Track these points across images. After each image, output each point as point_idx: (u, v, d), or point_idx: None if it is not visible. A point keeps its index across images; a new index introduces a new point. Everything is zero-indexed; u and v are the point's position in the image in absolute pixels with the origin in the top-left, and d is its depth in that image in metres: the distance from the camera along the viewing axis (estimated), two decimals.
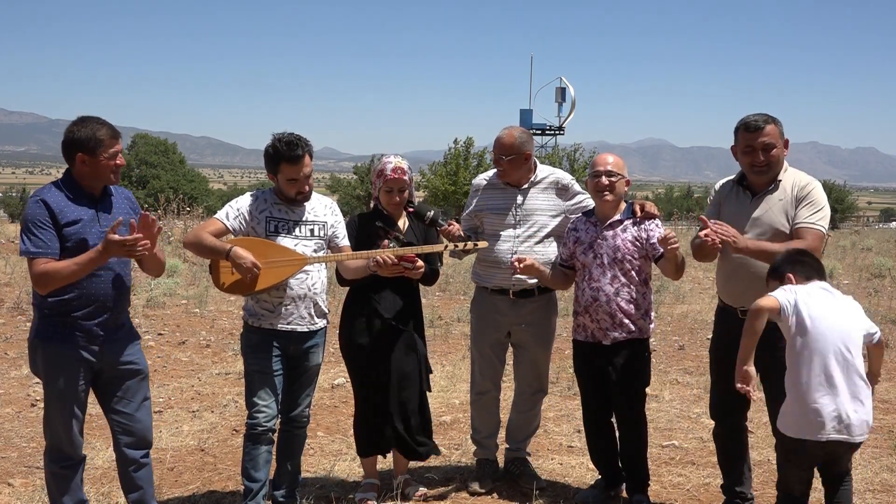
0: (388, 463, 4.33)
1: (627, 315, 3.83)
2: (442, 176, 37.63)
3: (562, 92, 40.77)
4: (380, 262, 3.68)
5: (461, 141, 38.34)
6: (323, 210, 3.79)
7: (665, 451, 4.92)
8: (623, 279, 3.83)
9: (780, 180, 3.61)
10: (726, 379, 3.76)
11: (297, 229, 3.69)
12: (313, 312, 3.71)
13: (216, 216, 3.70)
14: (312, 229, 3.72)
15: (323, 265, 3.79)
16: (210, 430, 5.25)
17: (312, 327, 3.72)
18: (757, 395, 3.25)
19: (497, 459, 4.43)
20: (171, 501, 4.10)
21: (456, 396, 6.03)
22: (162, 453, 4.66)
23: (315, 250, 3.70)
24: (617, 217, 3.90)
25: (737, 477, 3.83)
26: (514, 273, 3.93)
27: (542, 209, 4.15)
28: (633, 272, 3.85)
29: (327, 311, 3.82)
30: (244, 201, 3.71)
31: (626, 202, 3.95)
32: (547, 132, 41.15)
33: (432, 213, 3.93)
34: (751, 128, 3.57)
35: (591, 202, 4.10)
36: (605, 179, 3.84)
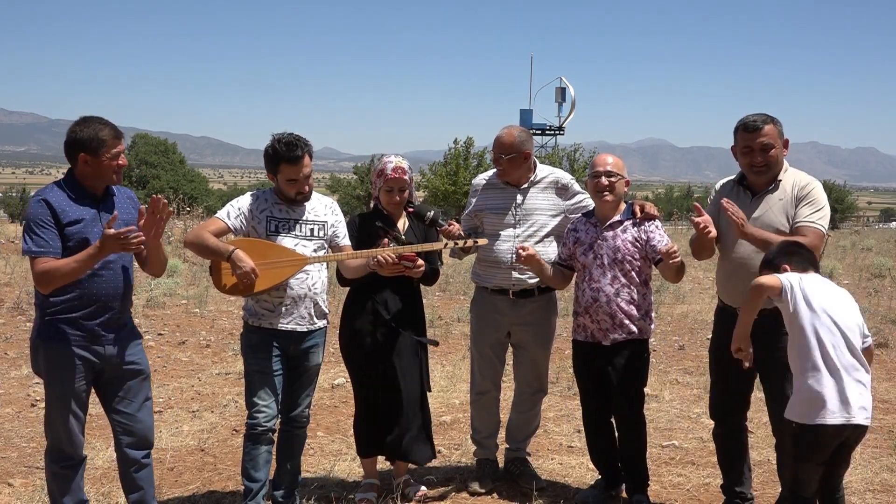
0: (388, 463, 4.33)
1: (628, 316, 3.83)
2: (442, 176, 37.62)
3: (562, 92, 40.77)
4: (380, 261, 3.69)
5: (461, 141, 38.38)
6: (323, 210, 3.80)
7: (665, 451, 4.92)
8: (623, 280, 3.84)
9: (780, 180, 3.61)
10: (726, 379, 3.76)
11: (298, 229, 3.69)
12: (313, 312, 3.71)
13: (217, 215, 3.70)
14: (313, 229, 3.72)
15: (323, 265, 3.80)
16: (210, 430, 5.25)
17: (312, 327, 3.73)
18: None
19: (497, 459, 4.42)
20: (171, 501, 4.10)
21: (456, 396, 6.03)
22: (162, 453, 4.66)
23: (315, 250, 3.70)
24: (617, 217, 3.90)
25: (737, 477, 3.83)
26: (516, 261, 3.90)
27: (541, 209, 4.15)
28: (634, 273, 3.85)
29: (327, 311, 3.82)
30: (245, 201, 3.72)
31: (626, 203, 3.95)
32: (547, 132, 41.14)
33: (432, 213, 3.93)
34: (749, 128, 3.58)
35: (590, 202, 4.10)
36: (604, 180, 3.85)
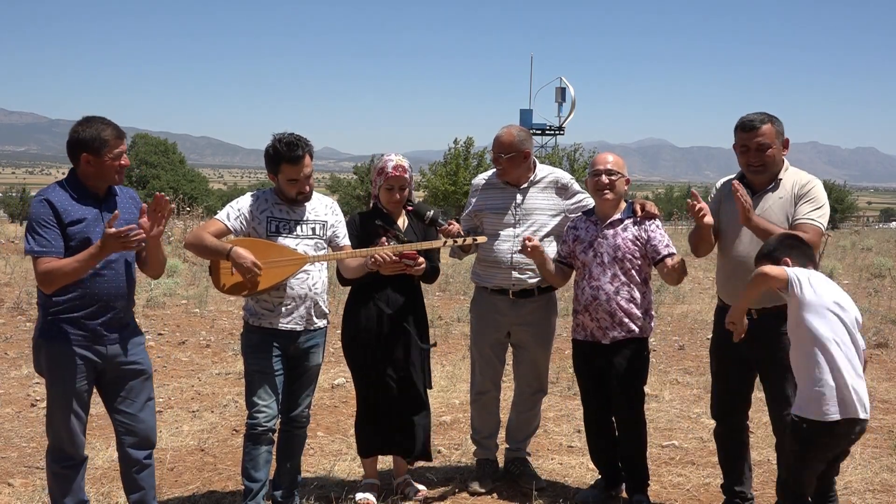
0: (388, 463, 4.33)
1: (627, 314, 3.83)
2: (442, 176, 37.63)
3: (562, 92, 40.77)
4: (379, 260, 3.69)
5: (461, 141, 38.41)
6: (323, 210, 3.79)
7: (665, 451, 4.92)
8: (623, 278, 3.83)
9: (780, 179, 3.61)
10: (726, 379, 3.76)
11: (298, 229, 3.69)
12: (313, 312, 3.71)
13: (217, 217, 3.70)
14: (313, 228, 3.72)
15: (324, 265, 3.79)
16: (210, 430, 5.25)
17: (312, 327, 3.72)
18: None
19: (497, 459, 4.42)
20: (171, 501, 4.10)
21: (456, 396, 6.03)
22: (162, 453, 4.66)
23: (316, 250, 3.70)
24: (617, 216, 3.90)
25: (737, 477, 3.83)
26: (522, 251, 3.88)
27: (541, 208, 4.15)
28: (633, 271, 3.84)
29: (327, 311, 3.82)
30: (245, 202, 3.71)
31: (627, 202, 3.95)
32: (547, 132, 41.14)
33: (432, 212, 3.93)
34: (746, 128, 3.58)
35: (590, 201, 4.10)
36: (604, 178, 3.85)
